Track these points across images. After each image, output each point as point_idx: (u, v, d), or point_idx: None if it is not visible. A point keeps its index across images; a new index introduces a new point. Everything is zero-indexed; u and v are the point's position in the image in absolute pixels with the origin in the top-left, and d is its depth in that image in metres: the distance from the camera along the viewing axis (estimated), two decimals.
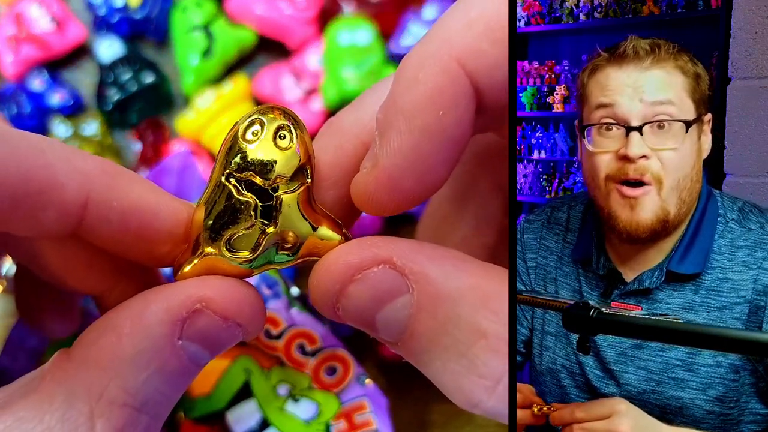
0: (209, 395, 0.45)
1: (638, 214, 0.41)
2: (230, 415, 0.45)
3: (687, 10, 0.51)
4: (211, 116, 0.58)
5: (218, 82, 0.60)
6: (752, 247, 0.41)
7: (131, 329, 0.26)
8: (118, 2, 0.62)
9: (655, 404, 0.41)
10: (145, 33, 0.62)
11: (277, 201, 0.27)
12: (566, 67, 0.65)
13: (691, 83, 0.41)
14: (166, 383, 0.27)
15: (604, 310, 0.35)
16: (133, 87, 0.60)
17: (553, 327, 0.46)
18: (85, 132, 0.59)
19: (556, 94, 0.66)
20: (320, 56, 0.59)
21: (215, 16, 0.61)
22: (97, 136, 0.59)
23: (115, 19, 0.61)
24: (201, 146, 0.59)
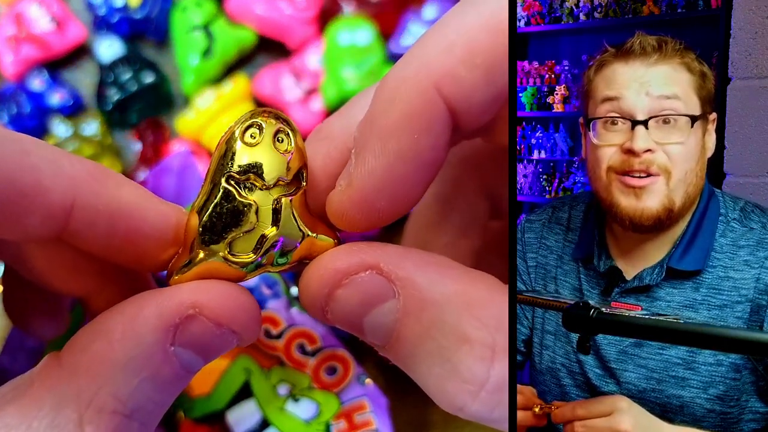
0: (209, 395, 0.45)
1: (644, 202, 0.41)
2: (230, 415, 0.45)
3: (687, 10, 0.51)
4: (211, 116, 0.58)
5: (218, 82, 0.60)
6: (754, 247, 0.41)
7: (122, 335, 0.26)
8: (118, 2, 0.62)
9: (655, 403, 0.41)
10: (145, 33, 0.62)
11: (278, 203, 0.27)
12: (566, 67, 0.65)
13: (697, 80, 0.41)
14: (158, 390, 0.27)
15: (604, 309, 0.35)
16: (133, 87, 0.60)
17: (553, 326, 0.46)
18: (85, 132, 0.59)
19: (556, 94, 0.66)
20: (320, 56, 0.60)
21: (215, 16, 0.61)
22: (97, 136, 0.59)
23: (115, 19, 0.61)
24: (201, 146, 0.59)
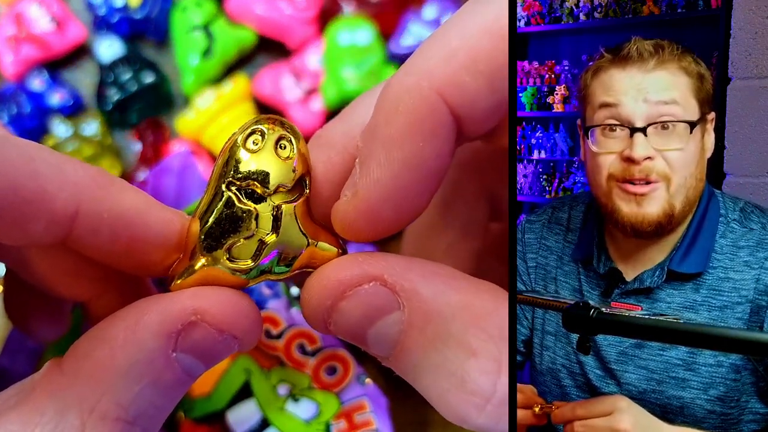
0: (209, 395, 0.45)
1: (645, 208, 0.41)
2: (230, 415, 0.45)
3: (687, 10, 0.51)
4: (211, 116, 0.58)
5: (218, 82, 0.60)
6: (754, 247, 0.41)
7: (125, 342, 0.26)
8: (118, 2, 0.62)
9: (655, 404, 0.41)
10: (145, 33, 0.62)
11: (278, 210, 0.27)
12: (566, 67, 0.65)
13: (695, 83, 0.41)
14: (160, 396, 0.27)
15: (604, 310, 0.35)
16: (133, 87, 0.60)
17: (553, 327, 0.46)
18: (85, 132, 0.59)
19: (556, 94, 0.66)
20: (320, 56, 0.59)
21: (215, 16, 0.61)
22: (97, 136, 0.59)
23: (115, 19, 0.61)
24: (201, 146, 0.59)
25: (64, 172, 0.26)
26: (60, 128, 0.59)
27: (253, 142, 0.27)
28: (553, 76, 0.66)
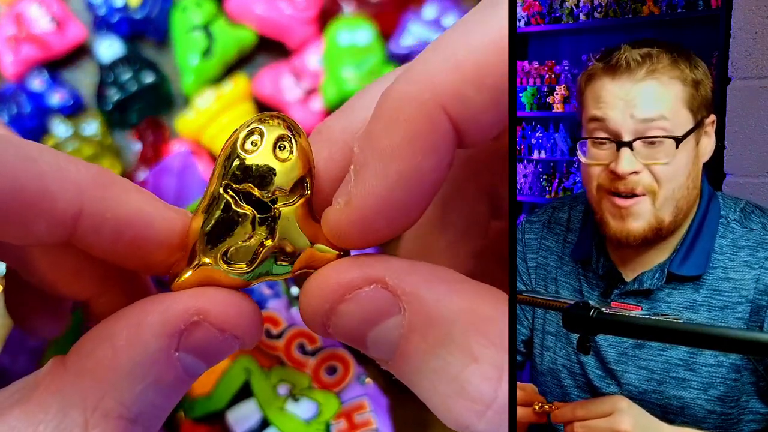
0: (209, 395, 0.45)
1: (630, 223, 0.41)
2: (230, 415, 0.45)
3: (687, 10, 0.51)
4: (211, 116, 0.58)
5: (218, 82, 0.60)
6: (754, 247, 0.41)
7: (127, 341, 0.26)
8: (118, 2, 0.62)
9: (656, 404, 0.41)
10: (145, 33, 0.62)
11: (276, 213, 0.27)
12: (566, 67, 0.65)
13: (689, 91, 0.41)
14: (161, 395, 0.27)
15: (604, 310, 0.35)
16: (133, 87, 0.60)
17: (554, 327, 0.46)
18: (85, 132, 0.59)
19: (556, 94, 0.66)
20: (320, 56, 0.60)
21: (215, 16, 0.61)
22: (97, 136, 0.59)
23: (115, 19, 0.61)
24: (201, 146, 0.59)
25: (67, 172, 0.26)
26: (60, 128, 0.59)
27: (251, 143, 0.27)
28: (553, 76, 0.66)
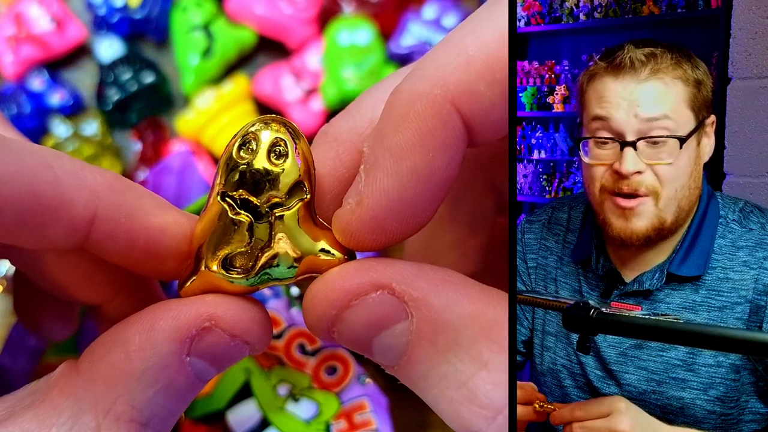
0: (209, 395, 0.45)
1: (633, 223, 0.41)
2: (230, 415, 0.45)
3: (687, 10, 0.51)
4: (211, 116, 0.58)
5: (218, 82, 0.60)
6: (753, 247, 0.41)
7: (139, 346, 0.26)
8: (118, 2, 0.62)
9: (656, 404, 0.41)
10: (145, 33, 0.62)
11: (273, 220, 0.27)
12: (566, 67, 0.65)
13: (691, 92, 0.41)
14: (172, 399, 0.27)
15: (604, 310, 0.35)
16: (133, 87, 0.60)
17: (554, 327, 0.46)
18: (85, 132, 0.59)
19: (556, 94, 0.66)
20: (320, 56, 0.59)
21: (215, 16, 0.61)
22: (97, 136, 0.59)
23: (115, 19, 0.61)
24: (201, 146, 0.59)
25: (82, 179, 0.26)
26: (60, 128, 0.59)
27: (247, 149, 0.27)
28: (553, 76, 0.66)
